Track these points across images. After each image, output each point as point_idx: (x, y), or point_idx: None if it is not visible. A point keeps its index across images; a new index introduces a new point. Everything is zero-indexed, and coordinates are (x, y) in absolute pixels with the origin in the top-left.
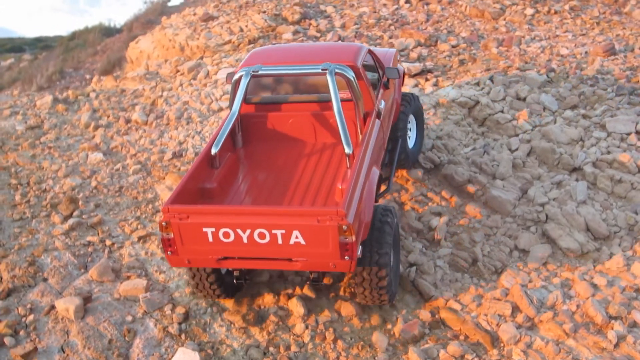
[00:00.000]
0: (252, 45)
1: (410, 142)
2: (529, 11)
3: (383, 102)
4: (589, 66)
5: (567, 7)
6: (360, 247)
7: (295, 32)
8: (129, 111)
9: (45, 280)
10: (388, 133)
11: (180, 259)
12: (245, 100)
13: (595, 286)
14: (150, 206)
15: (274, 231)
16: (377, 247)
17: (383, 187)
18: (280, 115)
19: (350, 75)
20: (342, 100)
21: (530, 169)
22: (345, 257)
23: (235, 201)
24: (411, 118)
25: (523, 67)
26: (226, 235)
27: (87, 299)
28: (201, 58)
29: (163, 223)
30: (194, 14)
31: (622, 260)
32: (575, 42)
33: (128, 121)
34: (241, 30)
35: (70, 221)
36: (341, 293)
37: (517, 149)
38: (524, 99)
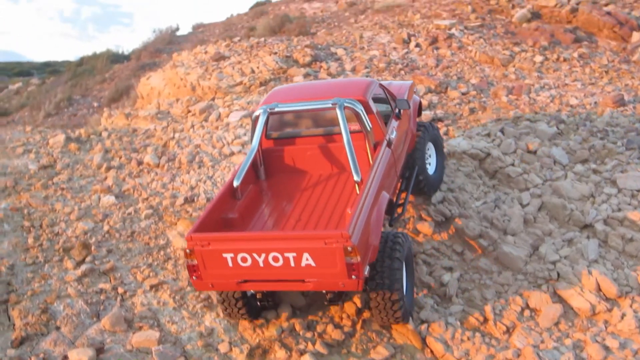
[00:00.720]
0: (263, 87)
1: (430, 169)
2: (538, 58)
3: (395, 132)
4: (598, 117)
5: (575, 54)
6: (368, 267)
7: (306, 75)
8: (141, 152)
9: (57, 328)
10: (402, 161)
11: (204, 284)
12: (266, 136)
13: (607, 348)
14: (162, 253)
15: (286, 254)
16: (388, 273)
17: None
18: (298, 148)
19: (359, 108)
20: (353, 132)
21: (541, 224)
22: (352, 277)
23: (255, 229)
24: (430, 146)
25: (533, 117)
26: (244, 259)
27: (99, 350)
28: (213, 99)
29: (187, 250)
30: (205, 52)
31: (634, 322)
32: (584, 92)
33: (140, 163)
34: (252, 71)
35: (83, 267)
36: (353, 349)
37: (528, 204)
38: (535, 152)
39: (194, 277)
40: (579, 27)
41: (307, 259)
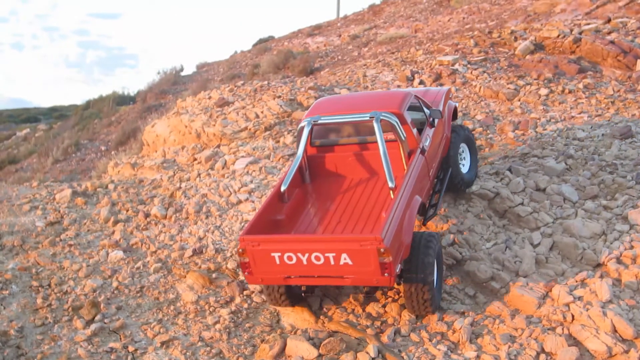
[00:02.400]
0: (268, 132)
1: (464, 169)
2: (543, 91)
3: (428, 140)
4: (607, 150)
5: (580, 85)
6: (401, 264)
7: None
8: (148, 204)
9: None
10: (436, 165)
11: (255, 278)
12: (311, 144)
13: None
14: (172, 307)
15: (326, 254)
16: (421, 268)
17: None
18: (339, 155)
19: (394, 120)
20: (389, 141)
21: (553, 265)
22: (385, 274)
23: (300, 229)
24: (463, 147)
25: (541, 153)
26: (290, 258)
27: None
28: (218, 146)
29: (240, 250)
30: (209, 98)
31: None
32: (591, 124)
33: (147, 215)
34: (257, 116)
35: (93, 326)
36: None
37: (539, 244)
38: (544, 190)
39: (246, 273)
40: (583, 56)
41: (345, 259)
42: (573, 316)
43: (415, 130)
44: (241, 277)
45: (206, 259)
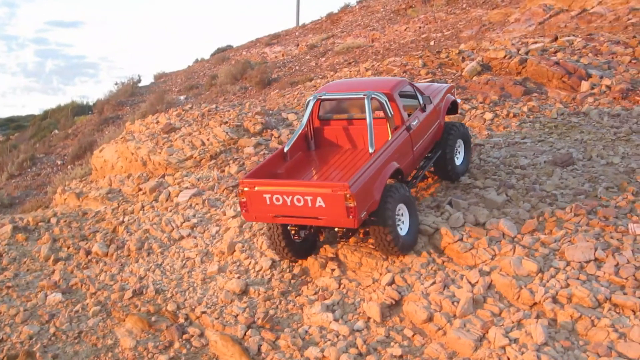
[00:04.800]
0: (213, 161)
1: (458, 161)
2: (488, 115)
3: (416, 121)
4: (548, 179)
5: (525, 108)
6: (366, 212)
7: (257, 145)
8: (90, 240)
9: None
10: (423, 144)
11: (250, 216)
12: (318, 117)
13: None
14: (110, 354)
15: (305, 197)
16: (382, 212)
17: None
18: (340, 128)
19: (383, 99)
20: (379, 118)
21: (490, 305)
22: (350, 217)
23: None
24: (460, 142)
25: (483, 184)
26: (277, 199)
27: None
28: (163, 176)
29: (239, 190)
30: (157, 122)
31: None
32: (534, 150)
33: (88, 253)
34: (203, 143)
35: None
36: None
37: (477, 282)
38: (484, 224)
39: (244, 211)
40: (529, 77)
41: (319, 202)
42: (509, 359)
43: (404, 111)
44: (181, 321)
45: (146, 300)
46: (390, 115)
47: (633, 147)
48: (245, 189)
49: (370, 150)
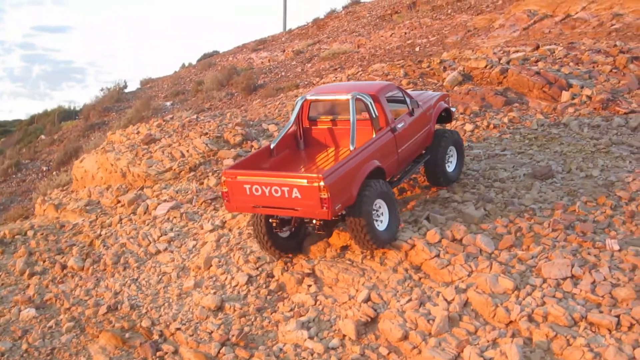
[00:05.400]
0: (192, 173)
1: (450, 168)
2: (469, 127)
3: (402, 124)
4: (527, 192)
5: (506, 119)
6: (340, 205)
7: (237, 157)
8: (67, 253)
9: None
10: (409, 147)
11: (232, 206)
12: (308, 118)
13: None
14: None
15: (282, 188)
16: (358, 204)
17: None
18: (328, 128)
19: (368, 101)
20: (365, 119)
21: (466, 323)
22: (324, 208)
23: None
24: (452, 149)
25: (461, 197)
26: (256, 190)
27: None
28: (142, 188)
29: (222, 179)
30: (137, 133)
31: None
32: (513, 162)
33: (64, 267)
34: (182, 155)
35: None
36: None
37: (453, 300)
38: (461, 240)
39: (225, 201)
40: (510, 87)
41: (295, 192)
42: None
43: (389, 113)
44: (155, 337)
45: (120, 316)
46: (374, 116)
47: (612, 160)
48: (228, 179)
49: (351, 148)
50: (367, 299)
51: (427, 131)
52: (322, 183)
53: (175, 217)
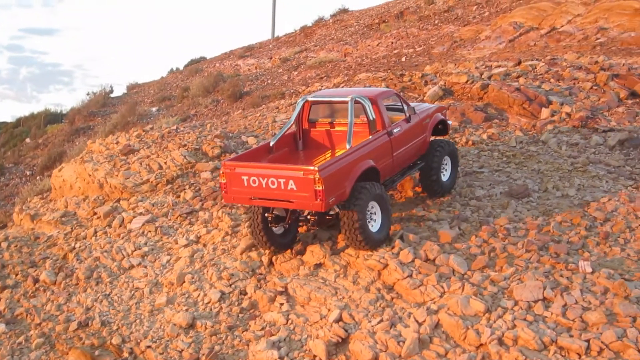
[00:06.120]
0: (169, 185)
1: (445, 177)
2: None
3: (398, 128)
4: (502, 212)
5: (485, 136)
6: (334, 198)
7: (215, 169)
8: (40, 266)
9: None
10: (404, 153)
11: (229, 197)
12: (308, 120)
13: None
14: None
15: (279, 180)
16: (353, 201)
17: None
18: (327, 130)
19: (366, 104)
20: (362, 123)
21: (436, 345)
22: (318, 200)
23: None
24: (447, 159)
25: (437, 216)
26: (254, 181)
27: None
28: (118, 200)
29: (221, 172)
30: (117, 143)
31: None
32: (490, 180)
33: (36, 281)
34: (160, 167)
35: None
36: None
37: (424, 321)
38: (434, 260)
39: (223, 192)
40: (490, 103)
41: (291, 184)
42: None
43: (387, 118)
44: (125, 355)
45: (91, 332)
46: (371, 119)
47: (589, 179)
48: (227, 170)
49: (347, 147)
50: (339, 319)
51: (423, 139)
52: (317, 175)
53: (150, 231)
